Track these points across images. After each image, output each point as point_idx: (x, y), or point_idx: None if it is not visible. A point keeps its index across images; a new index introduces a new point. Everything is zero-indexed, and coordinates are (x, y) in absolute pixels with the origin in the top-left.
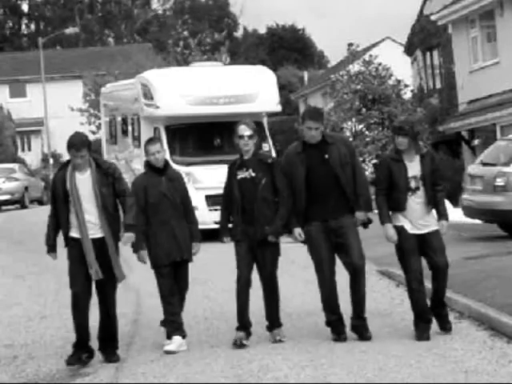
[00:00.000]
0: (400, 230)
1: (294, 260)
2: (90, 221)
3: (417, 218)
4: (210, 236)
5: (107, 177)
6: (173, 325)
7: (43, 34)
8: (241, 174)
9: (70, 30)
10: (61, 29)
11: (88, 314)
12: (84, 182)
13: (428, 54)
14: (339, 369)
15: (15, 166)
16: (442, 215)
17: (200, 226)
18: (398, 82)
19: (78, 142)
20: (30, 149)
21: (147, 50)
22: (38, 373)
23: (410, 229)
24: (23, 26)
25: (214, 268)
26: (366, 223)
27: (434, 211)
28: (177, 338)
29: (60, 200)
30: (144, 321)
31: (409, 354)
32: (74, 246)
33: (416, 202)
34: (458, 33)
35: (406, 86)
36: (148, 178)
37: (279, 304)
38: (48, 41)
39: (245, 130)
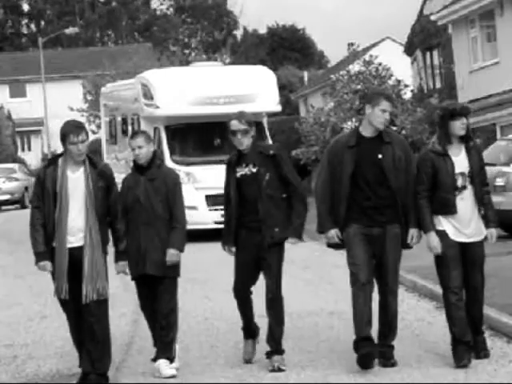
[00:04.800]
0: (441, 236)
1: (294, 260)
2: (75, 227)
3: (463, 222)
4: (210, 236)
5: (101, 178)
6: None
7: (43, 34)
8: (240, 171)
9: (70, 30)
10: (61, 29)
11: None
12: (75, 182)
13: (428, 54)
14: (339, 369)
15: (15, 165)
16: (492, 221)
17: (200, 226)
18: (398, 82)
19: (73, 126)
20: (30, 149)
21: (147, 50)
22: (38, 373)
23: (453, 234)
24: (23, 26)
25: (213, 268)
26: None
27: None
28: (163, 362)
29: (50, 200)
30: (144, 321)
31: (409, 354)
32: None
33: (462, 203)
34: (458, 33)
35: (406, 86)
36: (130, 178)
37: (284, 327)
38: (48, 41)
39: (237, 126)
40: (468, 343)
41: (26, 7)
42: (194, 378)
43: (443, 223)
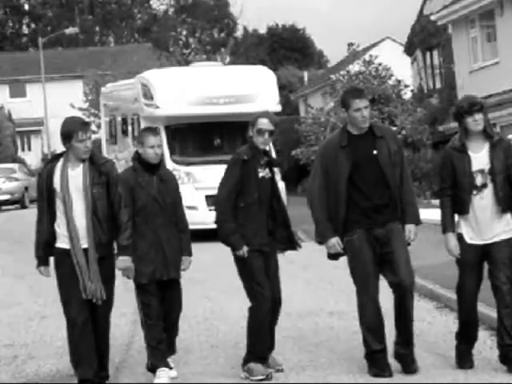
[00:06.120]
0: (459, 239)
1: (294, 260)
2: (79, 226)
3: (483, 223)
4: (210, 236)
5: (100, 175)
6: (157, 354)
7: (43, 34)
8: (261, 173)
9: (70, 30)
10: (61, 29)
11: (93, 344)
12: (74, 180)
13: (428, 54)
14: (339, 369)
15: (15, 165)
16: None
17: (200, 226)
18: (398, 82)
19: (80, 123)
20: (30, 149)
21: (147, 50)
22: (38, 373)
23: (470, 238)
24: (23, 26)
25: (214, 268)
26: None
27: (508, 216)
28: (164, 370)
29: (44, 198)
30: None
31: None
32: (63, 259)
33: (482, 203)
34: (458, 33)
35: (406, 86)
36: (137, 176)
37: None
38: (48, 41)
39: (267, 125)
40: (472, 341)
41: (26, 7)
42: (193, 378)
43: (462, 226)
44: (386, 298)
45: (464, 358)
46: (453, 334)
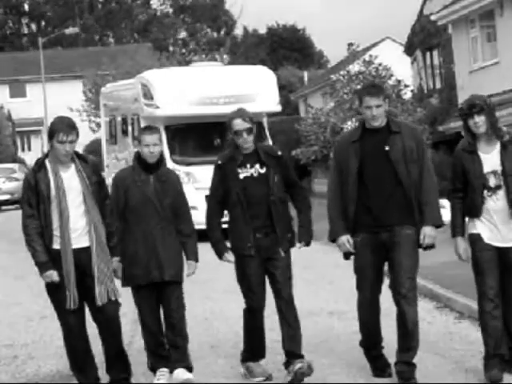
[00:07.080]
0: (475, 240)
1: (294, 260)
2: (75, 227)
3: (499, 226)
4: None
5: (94, 174)
6: (155, 356)
7: (43, 34)
8: (244, 173)
9: (70, 30)
10: (61, 29)
11: (90, 348)
12: (69, 182)
13: (428, 53)
14: (339, 369)
15: (15, 166)
16: None
17: (200, 226)
18: (398, 82)
19: (65, 124)
20: (30, 149)
21: (147, 50)
22: (38, 373)
23: (488, 238)
24: (23, 26)
25: (214, 268)
26: (430, 246)
27: None
28: (163, 371)
29: (45, 205)
30: None
31: None
32: (57, 261)
33: (497, 204)
34: (458, 33)
35: (406, 86)
36: (133, 175)
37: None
38: (48, 41)
39: (242, 125)
40: (502, 356)
41: (26, 7)
42: (194, 378)
43: (478, 226)
44: (387, 297)
45: (492, 371)
46: (453, 334)
